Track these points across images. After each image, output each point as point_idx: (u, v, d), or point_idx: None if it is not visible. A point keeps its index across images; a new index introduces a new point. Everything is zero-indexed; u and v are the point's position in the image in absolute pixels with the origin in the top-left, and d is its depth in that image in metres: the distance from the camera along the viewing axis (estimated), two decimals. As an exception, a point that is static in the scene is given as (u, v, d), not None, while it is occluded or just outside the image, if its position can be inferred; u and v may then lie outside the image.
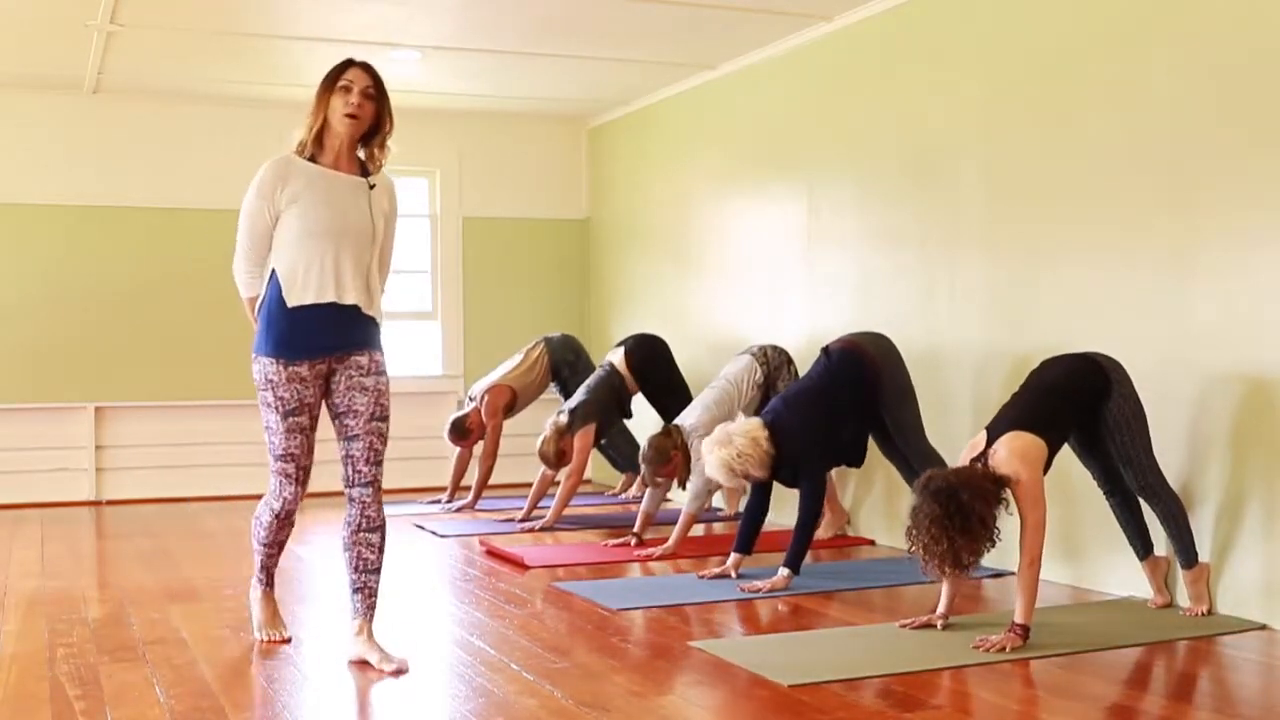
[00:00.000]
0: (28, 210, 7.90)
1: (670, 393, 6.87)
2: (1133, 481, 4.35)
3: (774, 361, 6.13)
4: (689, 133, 7.86)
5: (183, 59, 7.17)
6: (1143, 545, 4.45)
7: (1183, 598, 4.44)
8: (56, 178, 7.94)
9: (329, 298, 3.77)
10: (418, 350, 8.81)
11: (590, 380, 6.88)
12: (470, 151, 8.85)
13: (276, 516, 4.02)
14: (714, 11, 6.23)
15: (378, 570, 3.91)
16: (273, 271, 3.79)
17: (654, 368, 6.94)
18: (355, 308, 3.82)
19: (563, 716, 3.31)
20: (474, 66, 7.44)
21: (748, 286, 7.17)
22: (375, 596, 3.89)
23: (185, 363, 8.16)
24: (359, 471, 3.95)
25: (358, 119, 3.80)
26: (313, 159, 3.84)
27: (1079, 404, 4.25)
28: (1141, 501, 4.40)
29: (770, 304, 6.92)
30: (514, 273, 8.98)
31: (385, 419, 3.96)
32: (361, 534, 3.92)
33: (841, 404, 5.14)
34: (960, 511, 3.83)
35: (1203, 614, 4.31)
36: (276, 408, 3.83)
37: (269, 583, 4.20)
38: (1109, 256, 4.81)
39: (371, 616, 3.87)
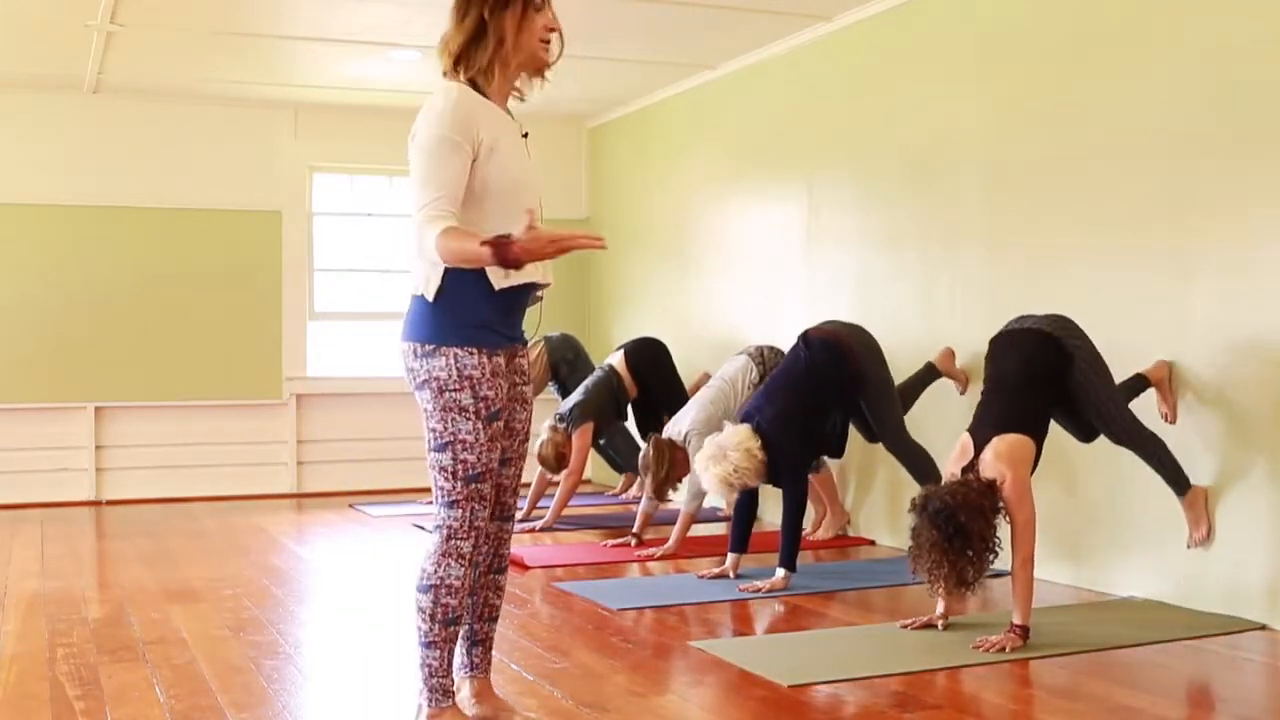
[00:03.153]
0: (28, 210, 7.90)
1: (669, 398, 6.86)
2: (1110, 435, 4.38)
3: (770, 362, 6.12)
4: (689, 133, 7.86)
5: (183, 59, 7.17)
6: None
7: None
8: (56, 178, 7.94)
9: (536, 276, 2.97)
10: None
11: (588, 380, 6.88)
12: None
13: (469, 564, 2.99)
14: (714, 11, 6.23)
15: (498, 618, 3.22)
16: None
17: (653, 371, 6.93)
18: (542, 288, 3.08)
19: (563, 716, 3.31)
20: (474, 66, 7.42)
21: (748, 286, 7.17)
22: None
23: (185, 363, 8.17)
24: (503, 503, 3.14)
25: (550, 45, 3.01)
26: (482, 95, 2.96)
27: (1049, 387, 4.24)
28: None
29: (770, 304, 6.92)
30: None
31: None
32: (491, 575, 3.18)
33: (822, 398, 5.11)
34: (960, 533, 3.85)
35: (1203, 538, 4.34)
36: (478, 411, 2.92)
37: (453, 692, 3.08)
38: (1109, 256, 4.81)
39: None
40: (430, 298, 2.91)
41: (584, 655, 3.96)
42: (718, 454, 4.88)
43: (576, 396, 6.77)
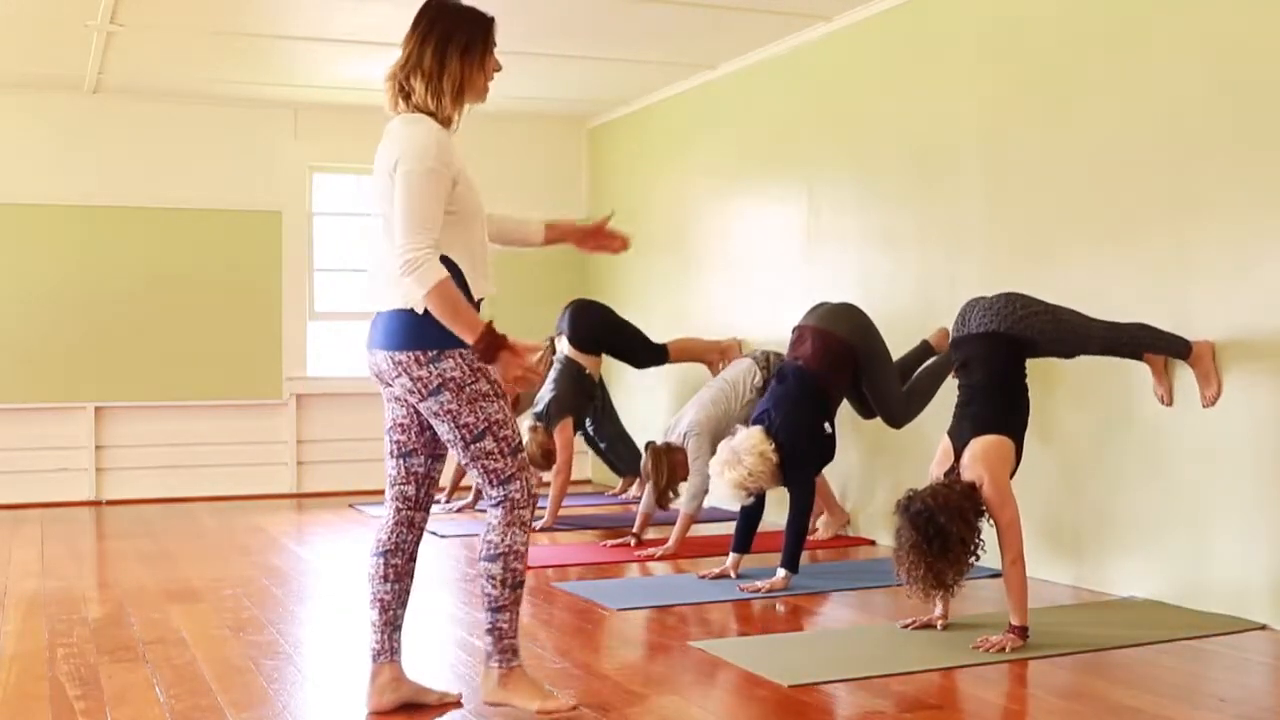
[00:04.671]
0: (28, 210, 7.90)
1: (633, 346, 7.01)
2: (1097, 353, 4.42)
3: (774, 366, 6.11)
4: (689, 133, 7.86)
5: (183, 59, 7.17)
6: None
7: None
8: (56, 178, 7.95)
9: (492, 290, 3.31)
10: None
11: (553, 375, 6.93)
12: (470, 151, 8.79)
13: (530, 529, 3.29)
14: (714, 11, 6.23)
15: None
16: (445, 257, 3.15)
17: (603, 338, 7.01)
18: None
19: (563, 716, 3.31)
20: (474, 66, 7.43)
21: (748, 286, 7.17)
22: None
23: (185, 363, 8.17)
24: (430, 495, 3.44)
25: None
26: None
27: (1017, 377, 4.23)
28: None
29: (770, 304, 6.91)
30: (514, 273, 8.94)
31: None
32: (412, 564, 3.43)
33: (829, 400, 5.10)
34: (939, 535, 3.86)
35: (1214, 396, 4.34)
36: (497, 393, 3.20)
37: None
38: (1109, 256, 4.81)
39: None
40: (420, 310, 3.13)
41: (584, 655, 3.96)
42: (732, 459, 4.86)
43: (548, 393, 6.82)
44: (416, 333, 3.14)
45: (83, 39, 6.59)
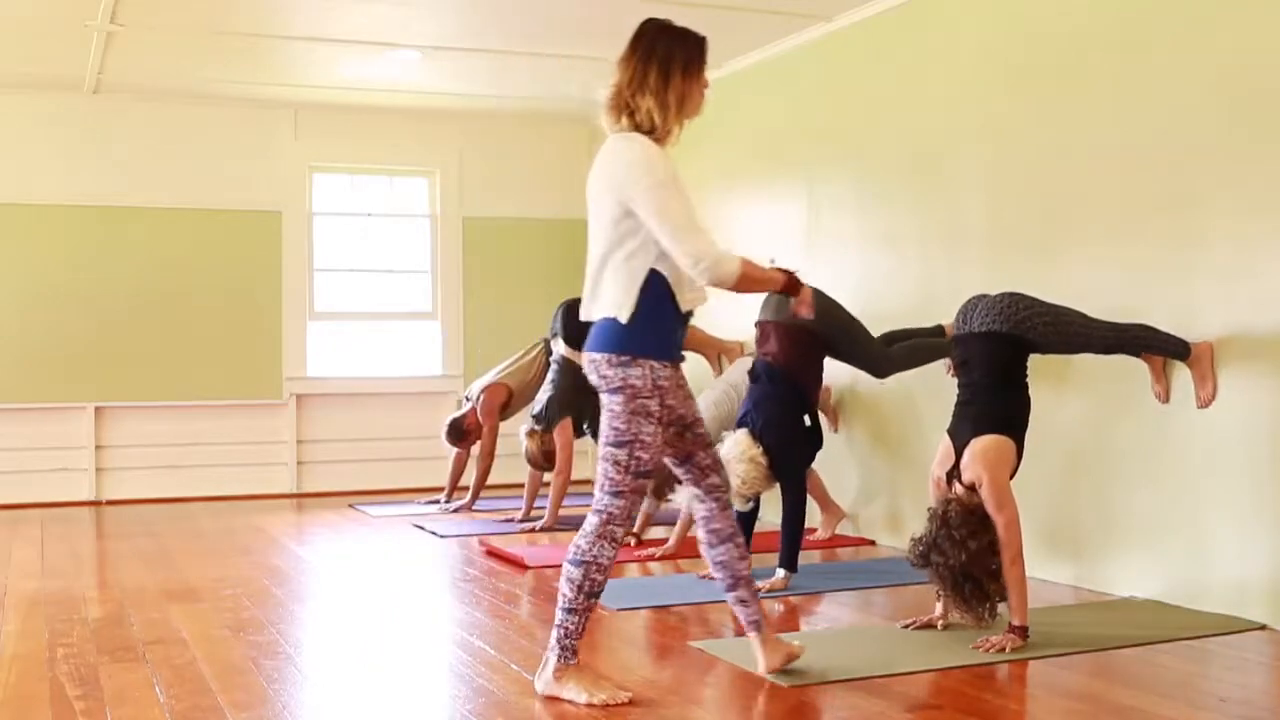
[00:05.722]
0: (28, 210, 7.91)
1: None
2: (1097, 352, 4.44)
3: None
4: (689, 133, 7.77)
5: (183, 59, 7.17)
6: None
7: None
8: (56, 178, 7.95)
9: (702, 299, 3.48)
10: (417, 350, 8.84)
11: (550, 376, 6.94)
12: (470, 151, 8.86)
13: (619, 547, 3.44)
14: (714, 11, 6.23)
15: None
16: (654, 270, 3.37)
17: None
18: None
19: (563, 717, 3.31)
20: (474, 66, 7.45)
21: (748, 286, 7.16)
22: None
23: (185, 363, 8.17)
24: (702, 466, 3.62)
25: None
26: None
27: (1019, 378, 4.22)
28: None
29: (770, 304, 6.91)
30: (514, 273, 8.98)
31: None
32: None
33: (806, 391, 5.10)
34: (968, 579, 3.95)
35: (1210, 397, 4.36)
36: (661, 418, 3.37)
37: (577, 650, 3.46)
38: (1110, 257, 4.81)
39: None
40: (625, 320, 3.32)
41: (584, 655, 3.94)
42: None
43: (545, 394, 6.83)
44: (617, 338, 3.32)
45: (83, 39, 6.59)
